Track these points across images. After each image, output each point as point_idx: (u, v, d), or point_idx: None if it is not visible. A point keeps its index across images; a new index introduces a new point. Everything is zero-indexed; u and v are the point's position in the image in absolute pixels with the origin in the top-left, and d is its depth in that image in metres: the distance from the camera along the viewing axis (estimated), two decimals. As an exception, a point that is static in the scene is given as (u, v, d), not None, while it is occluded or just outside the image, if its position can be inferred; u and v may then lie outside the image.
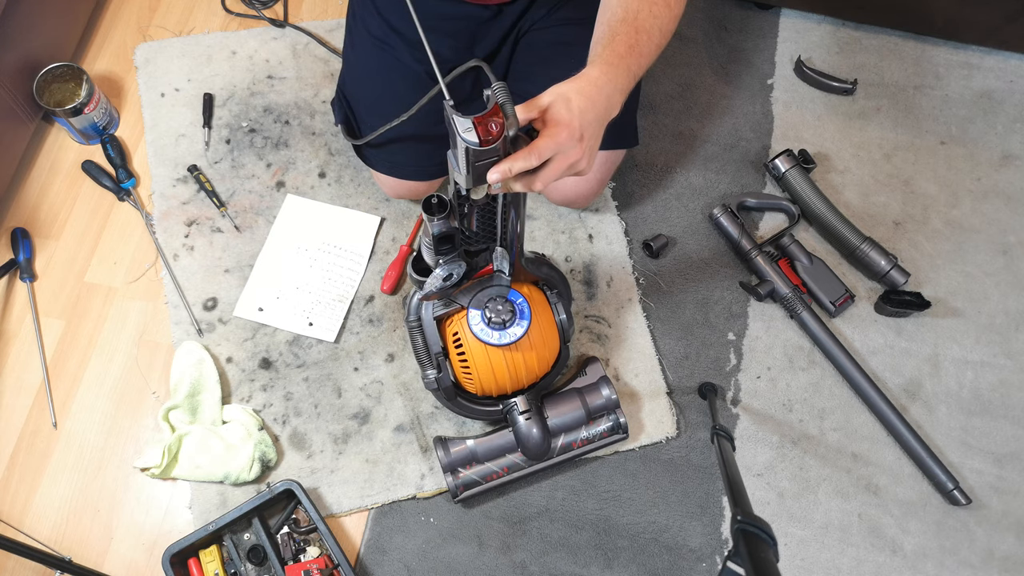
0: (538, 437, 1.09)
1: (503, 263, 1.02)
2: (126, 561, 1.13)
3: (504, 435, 1.12)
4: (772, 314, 1.29)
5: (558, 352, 1.12)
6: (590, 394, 1.14)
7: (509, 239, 0.95)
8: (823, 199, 1.32)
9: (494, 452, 1.12)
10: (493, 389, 1.10)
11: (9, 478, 1.17)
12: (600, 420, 1.14)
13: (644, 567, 1.14)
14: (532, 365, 1.08)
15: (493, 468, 1.12)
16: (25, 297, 1.26)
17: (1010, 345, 1.28)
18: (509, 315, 1.02)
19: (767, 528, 0.69)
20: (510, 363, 1.06)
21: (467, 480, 1.11)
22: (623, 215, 1.35)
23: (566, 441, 1.13)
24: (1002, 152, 1.42)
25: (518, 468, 1.12)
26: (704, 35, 1.50)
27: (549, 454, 1.12)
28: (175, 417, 1.17)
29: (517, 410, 1.10)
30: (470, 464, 1.11)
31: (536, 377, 1.11)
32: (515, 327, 1.02)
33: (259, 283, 1.27)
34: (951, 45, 1.50)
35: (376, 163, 1.25)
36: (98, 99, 1.31)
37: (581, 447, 1.14)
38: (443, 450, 1.11)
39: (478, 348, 1.05)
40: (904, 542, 1.16)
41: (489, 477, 1.12)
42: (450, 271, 0.97)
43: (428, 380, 1.08)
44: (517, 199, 0.87)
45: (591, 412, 1.13)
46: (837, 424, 1.23)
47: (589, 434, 1.14)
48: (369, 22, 1.19)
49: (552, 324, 1.09)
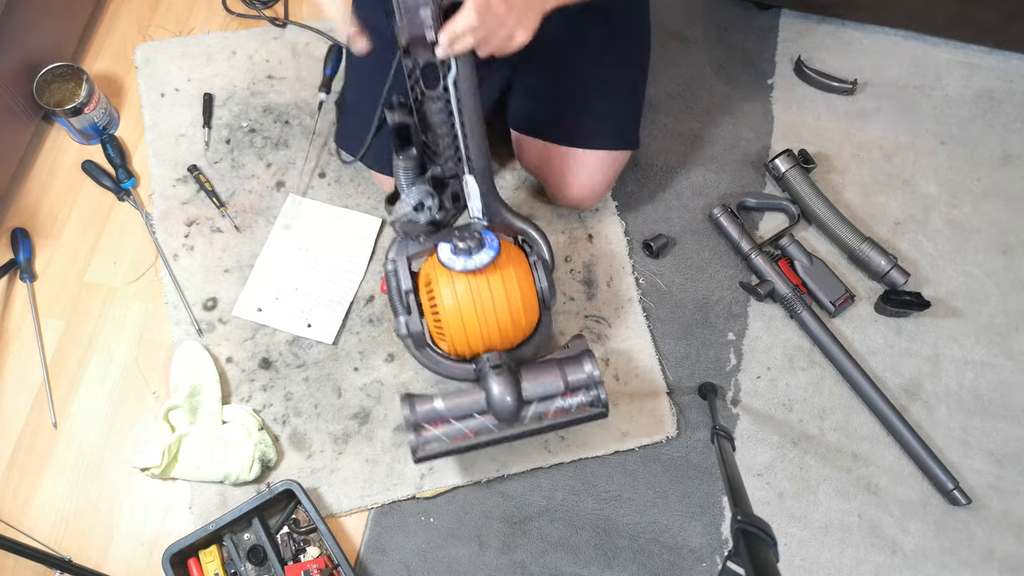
0: (508, 395, 1.02)
1: (476, 201, 1.05)
2: (126, 561, 1.13)
3: (474, 395, 1.05)
4: (772, 314, 1.29)
5: (537, 319, 1.09)
6: (570, 366, 1.06)
7: (474, 162, 1.01)
8: (823, 199, 1.32)
9: (462, 411, 1.04)
10: (462, 336, 1.05)
11: (9, 478, 1.17)
12: (579, 392, 1.06)
13: (644, 567, 1.14)
14: (503, 315, 1.04)
15: (460, 429, 1.04)
16: (25, 297, 1.26)
17: (1010, 345, 1.28)
18: (475, 242, 1.01)
19: (767, 528, 0.69)
20: (478, 301, 1.02)
21: (430, 439, 1.03)
22: (623, 215, 1.35)
23: (540, 409, 1.05)
24: (1002, 152, 1.42)
25: (487, 432, 1.04)
26: (704, 35, 1.50)
27: (520, 420, 1.04)
28: (175, 417, 1.17)
29: (488, 363, 1.05)
30: (436, 423, 1.04)
31: (510, 336, 1.07)
32: (482, 254, 1.01)
33: (259, 283, 1.27)
34: (951, 45, 1.50)
35: (371, 161, 1.25)
36: (98, 99, 1.31)
37: (555, 417, 1.06)
38: (409, 406, 1.04)
39: (445, 278, 1.03)
40: (904, 542, 1.16)
41: (455, 439, 1.04)
42: (419, 199, 1.02)
43: (399, 325, 1.07)
44: (468, 91, 0.94)
45: (569, 385, 1.05)
46: (837, 424, 1.23)
47: (565, 404, 1.05)
48: (371, 18, 1.18)
49: (529, 280, 1.06)
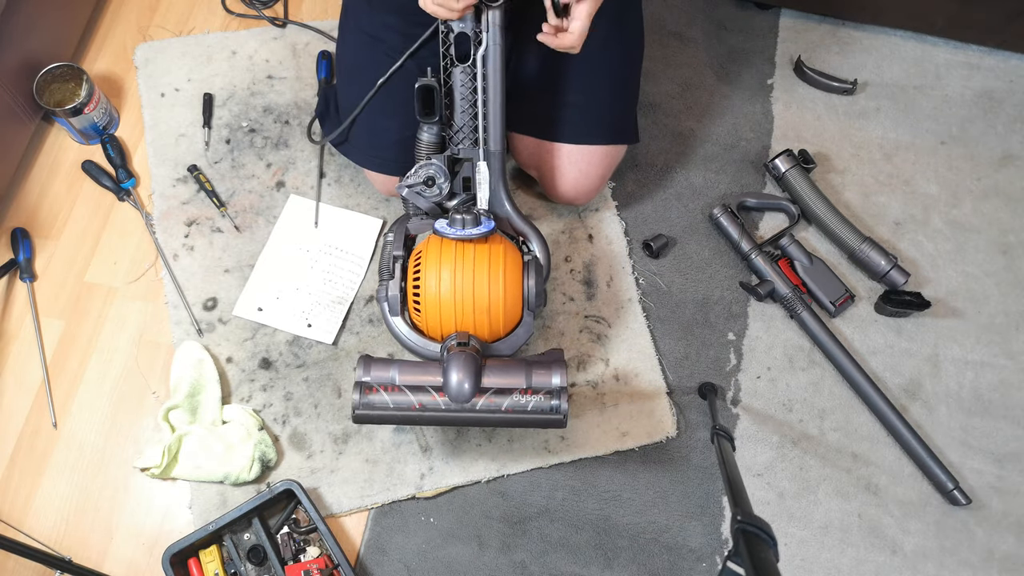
0: (465, 377, 1.00)
1: (485, 191, 1.10)
2: (126, 561, 1.13)
3: (432, 371, 1.03)
4: (772, 314, 1.29)
5: (518, 319, 1.10)
6: (538, 370, 1.03)
7: (491, 144, 1.08)
8: (823, 199, 1.32)
9: (416, 383, 1.02)
10: (436, 313, 1.05)
11: (9, 478, 1.17)
12: (539, 394, 1.02)
13: (644, 567, 1.14)
14: (481, 301, 1.04)
15: (410, 401, 1.01)
16: (25, 297, 1.26)
17: (1010, 345, 1.28)
18: (472, 220, 1.04)
19: (767, 528, 0.69)
20: (459, 279, 1.03)
21: (376, 402, 1.01)
22: (623, 215, 1.35)
23: (495, 402, 1.01)
24: (1002, 152, 1.42)
25: (435, 409, 1.01)
26: (704, 35, 1.50)
27: (471, 405, 1.01)
28: (175, 417, 1.17)
29: (454, 340, 1.04)
30: (388, 388, 1.02)
31: (485, 326, 1.07)
32: (474, 229, 1.04)
33: (259, 283, 1.27)
34: (951, 45, 1.50)
35: (363, 160, 1.25)
36: (98, 99, 1.31)
37: (507, 414, 1.02)
38: (363, 366, 1.03)
39: (434, 251, 1.06)
40: (904, 542, 1.16)
41: (402, 408, 1.01)
42: (432, 174, 1.08)
43: (379, 289, 1.09)
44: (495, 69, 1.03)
45: (532, 385, 1.03)
46: (837, 424, 1.23)
47: (522, 401, 1.02)
48: (360, 17, 1.19)
49: (516, 276, 1.07)
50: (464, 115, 1.09)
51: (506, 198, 1.14)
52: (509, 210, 1.14)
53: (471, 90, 1.07)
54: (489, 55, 1.03)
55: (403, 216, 1.17)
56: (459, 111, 1.09)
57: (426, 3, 0.98)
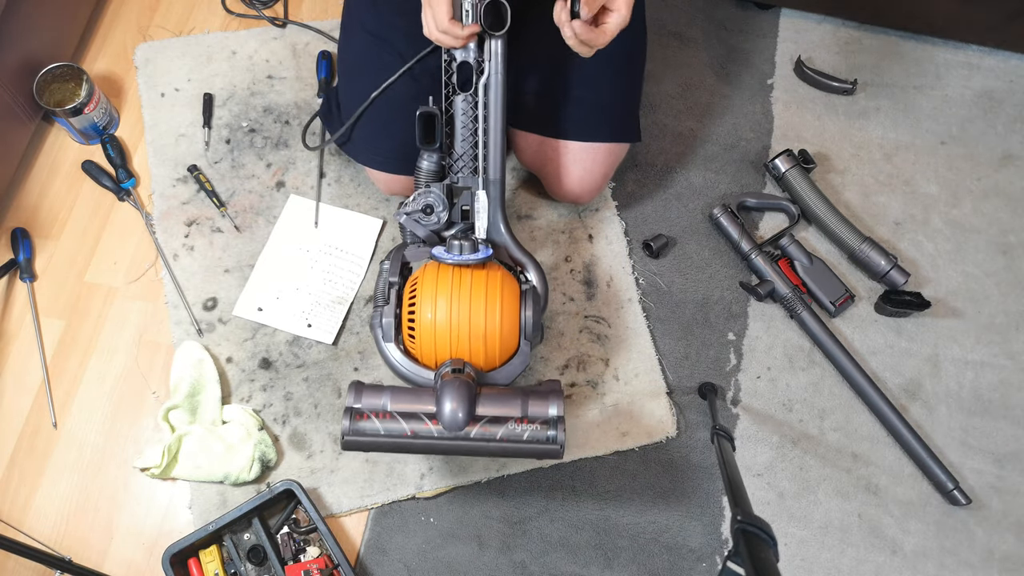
0: (460, 405, 0.97)
1: (483, 220, 1.10)
2: (126, 561, 1.13)
3: (424, 397, 1.01)
4: (772, 314, 1.29)
5: (515, 349, 1.08)
6: (535, 399, 1.01)
7: (490, 172, 1.08)
8: (823, 199, 1.32)
9: (409, 411, 0.99)
10: (431, 339, 1.03)
11: (9, 478, 1.17)
12: (535, 423, 1.00)
13: (644, 567, 1.14)
14: (477, 328, 1.02)
15: (402, 428, 0.98)
16: (25, 297, 1.26)
17: (1010, 345, 1.28)
18: (469, 246, 1.04)
19: (767, 528, 0.69)
20: (455, 306, 1.02)
21: (366, 428, 0.98)
22: (623, 215, 1.35)
23: (490, 431, 0.99)
24: (1002, 152, 1.42)
25: (428, 437, 0.98)
26: (704, 35, 1.50)
27: (465, 434, 0.98)
28: (175, 417, 1.17)
29: (448, 366, 1.02)
30: (380, 415, 0.99)
31: (480, 354, 1.05)
32: (472, 255, 1.04)
33: (259, 283, 1.27)
34: (951, 45, 1.50)
35: (366, 159, 1.25)
36: (98, 99, 1.31)
37: (501, 443, 0.99)
38: (354, 392, 1.00)
39: (431, 276, 1.05)
40: (904, 542, 1.16)
41: (393, 436, 0.98)
42: (430, 202, 1.08)
43: (373, 315, 1.08)
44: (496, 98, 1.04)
45: (528, 415, 1.00)
46: (837, 424, 1.23)
47: (517, 430, 0.99)
48: (364, 16, 1.19)
49: (514, 305, 1.06)
50: (465, 143, 1.09)
51: (504, 227, 1.12)
52: (507, 239, 1.13)
53: (472, 118, 1.07)
54: (491, 84, 1.03)
55: (400, 244, 1.15)
56: (460, 139, 1.09)
57: (430, 32, 0.99)
